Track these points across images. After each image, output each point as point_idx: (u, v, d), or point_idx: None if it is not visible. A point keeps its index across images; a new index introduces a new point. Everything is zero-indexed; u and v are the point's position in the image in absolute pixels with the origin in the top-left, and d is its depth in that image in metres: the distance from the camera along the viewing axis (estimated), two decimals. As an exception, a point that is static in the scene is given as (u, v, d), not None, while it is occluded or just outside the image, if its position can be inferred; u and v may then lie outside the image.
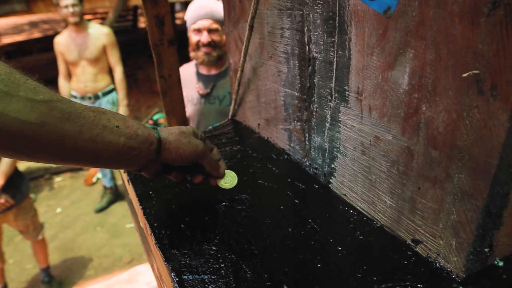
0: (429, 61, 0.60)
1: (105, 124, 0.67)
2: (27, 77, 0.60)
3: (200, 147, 0.80)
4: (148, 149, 0.74)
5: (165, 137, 0.77)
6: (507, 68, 0.49)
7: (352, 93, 0.79)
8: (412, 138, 0.67)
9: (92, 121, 0.65)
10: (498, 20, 0.49)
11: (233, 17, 1.21)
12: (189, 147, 0.79)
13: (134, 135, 0.71)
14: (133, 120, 0.74)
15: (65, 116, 0.61)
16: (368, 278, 0.67)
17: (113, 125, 0.68)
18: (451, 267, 0.66)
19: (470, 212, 0.60)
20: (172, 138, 0.78)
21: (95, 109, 0.67)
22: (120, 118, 0.71)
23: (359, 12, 0.71)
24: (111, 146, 0.68)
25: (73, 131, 0.62)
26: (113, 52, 4.00)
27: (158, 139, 0.75)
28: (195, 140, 0.81)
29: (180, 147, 0.78)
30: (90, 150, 0.66)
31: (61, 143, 0.62)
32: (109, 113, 0.70)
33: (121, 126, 0.70)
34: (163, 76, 1.29)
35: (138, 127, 0.73)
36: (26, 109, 0.57)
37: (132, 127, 0.72)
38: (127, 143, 0.70)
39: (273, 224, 0.83)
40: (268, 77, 1.10)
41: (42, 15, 16.00)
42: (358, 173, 0.84)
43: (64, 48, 3.86)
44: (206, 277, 0.69)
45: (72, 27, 3.81)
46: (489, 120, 0.54)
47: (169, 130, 0.80)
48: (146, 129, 0.74)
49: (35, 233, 3.14)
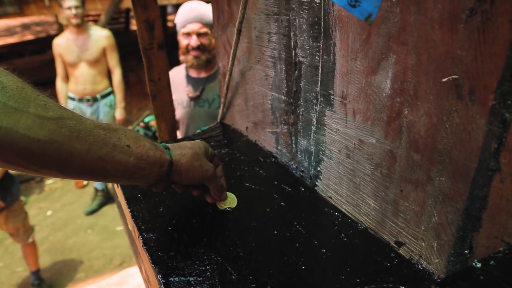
0: (411, 66, 0.61)
1: (116, 143, 0.66)
2: (38, 92, 0.59)
3: (210, 172, 0.80)
4: (159, 170, 0.73)
5: (177, 160, 0.76)
6: (485, 73, 0.51)
7: (337, 97, 0.80)
8: (395, 142, 0.68)
9: (102, 140, 0.64)
10: (475, 27, 0.50)
11: (222, 21, 1.22)
12: (199, 171, 0.79)
13: (145, 156, 0.70)
14: (145, 139, 0.72)
15: (75, 134, 0.60)
16: (351, 279, 0.68)
17: (124, 144, 0.67)
18: (432, 268, 0.67)
19: (451, 215, 0.61)
20: (184, 161, 0.77)
21: (106, 126, 0.66)
22: (132, 137, 0.69)
23: (343, 18, 0.72)
24: (121, 166, 0.67)
25: (82, 150, 0.61)
26: (112, 55, 4.00)
27: (169, 162, 0.75)
28: (206, 163, 0.80)
29: (190, 170, 0.78)
30: (98, 169, 0.65)
31: (70, 160, 0.61)
32: (120, 131, 0.68)
33: (132, 145, 0.68)
34: (153, 80, 1.30)
35: (149, 147, 0.72)
36: (36, 126, 0.56)
37: (143, 147, 0.70)
38: (137, 163, 0.69)
39: (259, 227, 0.83)
40: (256, 81, 1.11)
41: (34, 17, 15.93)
42: (343, 176, 0.85)
43: (64, 50, 3.86)
44: (192, 279, 0.70)
45: (73, 29, 3.81)
46: (468, 124, 0.55)
47: (182, 150, 0.78)
48: (158, 150, 0.73)
49: (25, 236, 3.12)
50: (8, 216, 2.93)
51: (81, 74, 3.92)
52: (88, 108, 4.02)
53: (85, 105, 4.01)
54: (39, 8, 6.01)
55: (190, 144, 0.81)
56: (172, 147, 0.78)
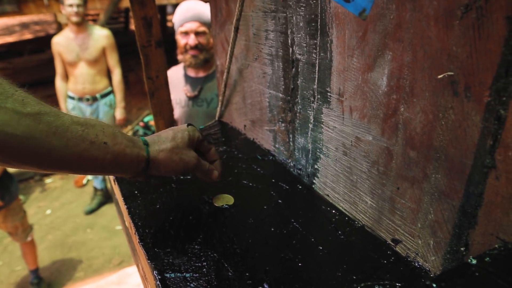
0: (407, 63, 0.61)
1: (93, 139, 0.66)
2: (16, 88, 0.60)
3: (191, 163, 0.79)
4: (136, 167, 0.74)
5: (154, 156, 0.76)
6: (480, 69, 0.51)
7: (334, 95, 0.80)
8: (391, 139, 0.68)
9: (79, 136, 0.64)
10: (470, 23, 0.50)
11: (220, 19, 1.22)
12: (179, 165, 0.78)
13: (122, 154, 0.70)
14: (124, 135, 0.72)
15: (52, 130, 0.61)
16: (347, 277, 0.68)
17: (101, 141, 0.67)
18: (429, 266, 0.67)
19: (447, 212, 0.61)
20: (163, 156, 0.76)
21: (84, 122, 0.66)
22: (110, 134, 0.69)
23: (339, 15, 0.72)
24: (98, 162, 0.68)
25: (59, 146, 0.62)
26: (112, 55, 3.99)
27: (146, 159, 0.75)
28: (187, 155, 0.79)
29: (169, 164, 0.77)
30: (76, 164, 0.66)
31: (48, 156, 0.62)
32: (98, 126, 0.68)
33: (109, 143, 0.68)
34: (151, 77, 1.30)
35: (127, 144, 0.71)
36: (13, 121, 0.56)
37: (120, 144, 0.70)
38: (114, 160, 0.70)
39: (256, 224, 0.83)
40: (254, 78, 1.11)
41: (33, 16, 15.93)
42: (340, 173, 0.85)
43: (63, 48, 3.83)
44: (188, 275, 0.70)
45: (73, 27, 3.79)
46: (463, 121, 0.55)
47: (161, 145, 0.77)
48: (136, 147, 0.73)
49: (24, 235, 3.12)
50: (6, 214, 2.93)
51: (80, 74, 3.91)
52: (87, 108, 4.01)
53: (84, 104, 4.00)
54: (37, 7, 6.00)
55: (172, 134, 0.80)
56: (151, 141, 0.77)
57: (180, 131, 0.81)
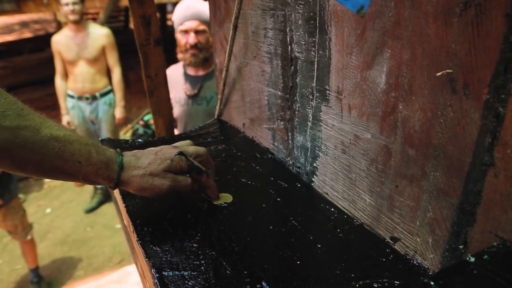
0: (405, 61, 0.61)
1: (68, 158, 0.69)
2: (0, 97, 0.62)
3: (163, 188, 0.79)
4: (108, 185, 0.78)
5: (125, 180, 0.78)
6: (479, 67, 0.51)
7: (333, 93, 0.80)
8: (390, 137, 0.68)
9: (55, 153, 0.68)
10: (469, 20, 0.50)
11: (219, 17, 1.22)
12: (148, 190, 0.79)
13: (93, 175, 0.74)
14: (98, 156, 0.74)
15: (29, 145, 0.64)
16: (346, 275, 0.68)
17: (76, 160, 0.70)
18: (427, 264, 0.67)
19: (445, 210, 0.61)
20: (132, 181, 0.78)
21: (63, 138, 0.69)
22: (85, 153, 0.72)
23: (338, 13, 0.72)
24: (71, 177, 0.73)
25: (34, 160, 0.66)
26: (112, 54, 3.97)
27: (116, 183, 0.78)
28: (159, 181, 0.79)
29: (138, 189, 0.80)
30: (50, 175, 0.71)
31: (24, 166, 0.67)
32: (76, 144, 0.71)
33: (83, 162, 0.72)
34: (150, 76, 1.29)
35: (100, 166, 0.74)
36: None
37: (94, 165, 0.73)
38: (86, 178, 0.74)
39: (254, 222, 0.83)
40: (253, 76, 1.10)
41: (33, 15, 15.92)
42: (339, 171, 0.85)
43: (63, 47, 3.82)
44: (186, 273, 0.69)
45: (72, 26, 3.78)
46: (462, 118, 0.55)
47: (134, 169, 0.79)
48: (108, 170, 0.76)
49: (24, 234, 3.12)
50: (6, 213, 2.93)
51: (80, 72, 3.90)
52: (87, 106, 4.01)
53: (84, 103, 3.99)
54: (37, 5, 6.00)
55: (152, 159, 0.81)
56: (127, 164, 0.79)
57: (163, 158, 0.82)
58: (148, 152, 0.83)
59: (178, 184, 0.81)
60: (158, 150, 0.84)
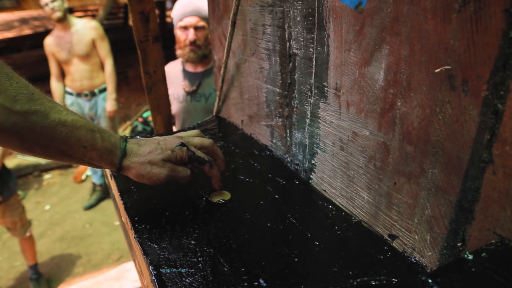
0: (404, 57, 0.60)
1: (74, 143, 0.72)
2: (13, 81, 0.64)
3: (161, 176, 0.81)
4: (110, 169, 0.82)
5: (126, 166, 0.81)
6: (478, 63, 0.50)
7: (331, 89, 0.79)
8: (388, 134, 0.68)
9: (62, 138, 0.70)
10: (468, 16, 0.50)
11: (217, 13, 1.22)
12: (146, 177, 0.81)
13: (97, 159, 0.77)
14: (103, 142, 0.77)
15: (37, 129, 0.67)
16: (344, 272, 0.68)
17: (81, 145, 0.73)
18: (425, 261, 0.67)
19: (444, 207, 0.61)
20: (132, 167, 0.80)
21: (71, 123, 0.71)
22: (91, 139, 0.74)
23: (336, 9, 0.71)
24: (77, 160, 0.76)
25: (42, 143, 0.69)
26: (102, 45, 3.95)
27: (117, 168, 0.80)
28: (159, 169, 0.80)
29: (137, 176, 0.81)
30: (57, 158, 0.74)
31: (32, 148, 0.70)
32: (82, 130, 0.73)
33: (88, 147, 0.74)
34: (148, 73, 1.29)
35: (104, 151, 0.77)
36: (2, 117, 0.62)
37: (98, 151, 0.76)
38: (90, 161, 0.77)
39: (252, 219, 0.83)
40: (251, 73, 1.10)
41: (32, 12, 15.86)
42: (337, 168, 0.84)
43: (55, 48, 3.82)
44: (183, 271, 0.69)
45: (58, 25, 3.76)
46: (460, 115, 0.54)
47: (135, 156, 0.81)
48: (111, 155, 0.78)
49: (23, 230, 3.12)
50: (5, 210, 2.93)
51: (76, 70, 3.89)
52: (86, 103, 4.01)
53: (83, 99, 3.99)
54: (36, 2, 5.96)
55: (153, 148, 0.82)
56: (129, 151, 0.81)
57: (164, 148, 0.83)
58: (151, 141, 0.85)
59: (176, 174, 0.82)
60: (161, 140, 0.85)
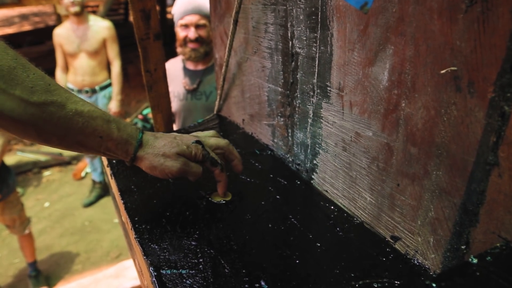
0: (409, 58, 0.60)
1: (90, 133, 0.72)
2: (29, 72, 0.65)
3: (174, 169, 0.80)
4: (124, 159, 0.81)
5: (140, 156, 0.80)
6: (484, 64, 0.49)
7: (334, 89, 0.79)
8: (392, 135, 0.67)
9: (79, 128, 0.70)
10: (475, 17, 0.49)
11: (219, 11, 1.21)
12: (158, 169, 0.80)
13: (113, 149, 0.77)
14: (119, 132, 0.77)
15: (54, 120, 0.67)
16: (346, 274, 0.67)
17: (97, 135, 0.73)
18: (428, 264, 0.66)
19: (448, 209, 0.60)
20: (146, 158, 0.80)
21: (87, 113, 0.71)
22: (106, 129, 0.74)
23: (340, 8, 0.71)
24: (92, 150, 0.76)
25: (59, 134, 0.69)
26: (112, 46, 3.97)
27: (131, 158, 0.80)
28: (171, 162, 0.80)
29: (149, 167, 0.81)
30: (73, 148, 0.74)
31: (49, 139, 0.70)
32: (99, 120, 0.73)
33: (104, 138, 0.74)
34: (149, 70, 1.28)
35: (119, 141, 0.77)
36: (19, 109, 0.62)
37: (114, 141, 0.76)
38: (106, 152, 0.77)
39: (253, 220, 0.82)
40: (253, 72, 1.09)
41: (33, 8, 15.86)
42: (339, 169, 0.84)
43: (64, 40, 3.83)
44: (184, 272, 0.69)
45: (73, 18, 3.79)
46: (466, 117, 0.54)
47: (149, 148, 0.81)
48: (127, 145, 0.78)
49: (22, 228, 3.11)
50: (4, 207, 2.93)
51: (80, 65, 3.90)
52: (87, 100, 4.00)
53: (84, 96, 3.99)
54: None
55: (168, 141, 0.82)
56: (145, 142, 0.81)
57: (180, 143, 0.83)
58: (168, 135, 0.84)
59: (189, 169, 0.82)
60: (177, 135, 0.85)
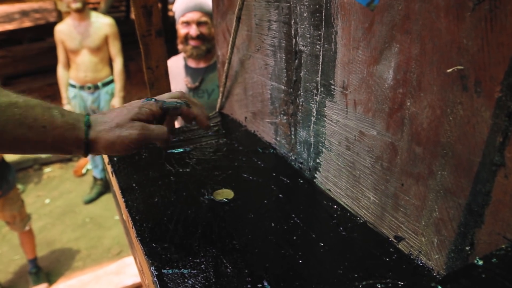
0: (414, 56, 0.59)
1: (31, 124, 0.65)
2: None
3: (132, 136, 0.72)
4: (77, 149, 0.72)
5: (93, 138, 0.72)
6: (491, 64, 0.49)
7: (338, 87, 0.78)
8: (396, 134, 0.66)
9: (17, 120, 0.63)
10: (483, 15, 0.48)
11: (222, 8, 1.20)
12: (118, 143, 0.72)
13: (61, 138, 0.69)
14: (63, 117, 0.69)
15: None
16: (349, 274, 0.67)
17: (40, 125, 0.66)
18: (432, 264, 0.66)
19: (452, 210, 0.60)
20: (101, 137, 0.72)
21: (24, 104, 0.65)
22: (49, 117, 0.67)
23: (345, 5, 0.70)
24: (38, 145, 0.67)
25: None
26: (114, 43, 3.97)
27: (85, 142, 0.71)
28: (127, 130, 0.72)
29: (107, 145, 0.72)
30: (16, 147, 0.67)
31: None
32: (38, 108, 0.66)
33: (48, 127, 0.67)
34: (151, 67, 1.28)
35: (66, 128, 0.69)
36: None
37: (60, 128, 0.68)
38: (53, 144, 0.69)
39: (255, 219, 0.82)
40: (255, 70, 1.09)
41: (33, 4, 15.83)
42: (343, 168, 0.83)
43: (66, 36, 3.83)
44: (186, 272, 0.68)
45: (75, 15, 3.78)
46: (472, 116, 0.53)
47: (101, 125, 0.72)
48: (76, 130, 0.70)
49: (22, 224, 3.11)
50: (4, 204, 2.92)
51: (82, 62, 3.90)
52: (89, 96, 4.00)
53: (86, 92, 3.99)
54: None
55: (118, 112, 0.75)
56: (94, 122, 0.72)
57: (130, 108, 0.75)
58: (116, 108, 0.77)
59: (150, 132, 0.74)
60: (127, 104, 0.78)
